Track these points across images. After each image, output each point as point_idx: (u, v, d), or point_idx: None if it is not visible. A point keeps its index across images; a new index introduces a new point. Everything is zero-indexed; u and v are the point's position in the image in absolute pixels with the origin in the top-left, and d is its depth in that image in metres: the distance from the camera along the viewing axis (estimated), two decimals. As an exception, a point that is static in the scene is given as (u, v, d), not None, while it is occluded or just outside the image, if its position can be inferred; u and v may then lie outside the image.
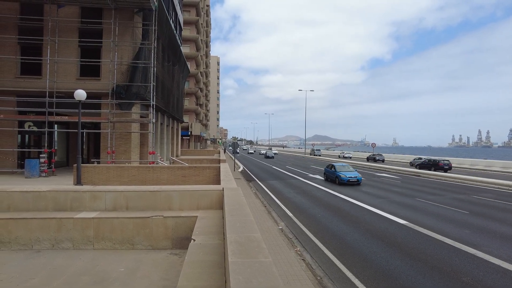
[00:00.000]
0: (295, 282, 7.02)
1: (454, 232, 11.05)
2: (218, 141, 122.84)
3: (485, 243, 9.80)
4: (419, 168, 37.51)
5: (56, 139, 22.99)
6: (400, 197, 18.28)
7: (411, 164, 43.14)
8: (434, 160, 37.75)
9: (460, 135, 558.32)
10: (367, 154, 61.88)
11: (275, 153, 78.57)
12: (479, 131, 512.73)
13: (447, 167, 35.33)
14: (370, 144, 57.12)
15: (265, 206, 15.51)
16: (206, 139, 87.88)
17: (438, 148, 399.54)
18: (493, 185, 22.97)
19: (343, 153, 70.92)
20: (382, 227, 11.78)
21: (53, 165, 18.56)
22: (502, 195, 19.19)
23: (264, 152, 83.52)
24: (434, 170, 34.55)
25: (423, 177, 29.70)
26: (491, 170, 37.15)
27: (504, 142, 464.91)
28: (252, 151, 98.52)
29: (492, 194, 19.27)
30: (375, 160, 52.68)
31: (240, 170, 34.88)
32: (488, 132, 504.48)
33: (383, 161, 52.30)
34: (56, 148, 21.03)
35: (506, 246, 9.64)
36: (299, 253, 9.00)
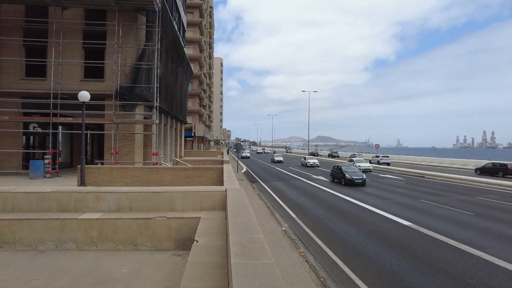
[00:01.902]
0: (298, 283, 6.98)
1: (459, 233, 10.96)
2: (221, 142, 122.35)
3: (491, 245, 9.70)
4: (310, 155, 64.01)
5: (60, 140, 23.11)
6: (404, 198, 18.17)
7: (304, 160, 65.80)
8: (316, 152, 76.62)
9: (465, 136, 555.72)
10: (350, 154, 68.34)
11: (366, 169, 35.29)
12: (484, 132, 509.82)
13: (336, 155, 68.04)
14: (374, 145, 56.73)
15: (268, 207, 15.48)
16: (209, 140, 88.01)
17: (442, 149, 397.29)
18: (498, 186, 22.76)
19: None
20: (386, 229, 11.71)
21: (57, 166, 18.66)
22: (507, 196, 19.01)
23: (307, 162, 42.78)
24: (330, 157, 64.90)
25: (428, 178, 29.51)
26: (467, 168, 36.82)
27: (509, 143, 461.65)
28: (280, 158, 53.36)
29: (497, 196, 19.09)
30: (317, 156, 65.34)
31: (243, 171, 34.88)
32: (493, 133, 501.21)
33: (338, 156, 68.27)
34: (60, 149, 21.16)
35: (512, 248, 9.54)
36: (303, 254, 8.96)
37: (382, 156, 47.99)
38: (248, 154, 70.62)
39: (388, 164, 44.75)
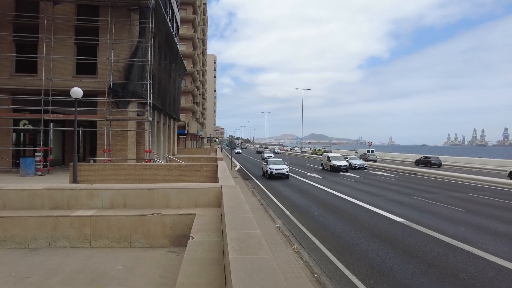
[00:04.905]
0: (293, 279, 7.03)
1: (450, 229, 11.13)
2: (215, 140, 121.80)
3: (481, 241, 9.88)
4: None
5: (51, 137, 22.83)
6: (396, 195, 18.37)
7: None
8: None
9: (456, 134, 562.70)
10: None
11: None
12: (474, 130, 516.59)
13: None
14: (367, 143, 57.32)
15: (262, 204, 15.52)
16: (203, 138, 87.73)
17: (433, 146, 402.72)
18: (488, 183, 23.14)
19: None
20: (379, 225, 11.83)
21: (48, 164, 18.44)
22: (497, 193, 19.34)
23: None
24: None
25: (419, 175, 29.85)
26: (486, 169, 37.43)
27: (499, 140, 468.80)
28: None
29: (488, 192, 19.42)
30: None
31: (236, 168, 34.87)
32: (483, 131, 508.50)
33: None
34: (51, 146, 20.90)
35: (502, 243, 9.72)
36: (297, 251, 9.01)
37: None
38: (285, 169, 26.79)
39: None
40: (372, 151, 51.70)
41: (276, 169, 26.41)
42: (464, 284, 6.98)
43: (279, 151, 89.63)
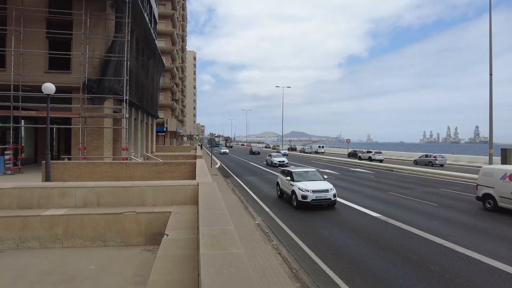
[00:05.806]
0: (271, 275, 7.05)
1: (424, 223, 11.48)
2: (195, 138, 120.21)
3: (452, 233, 10.24)
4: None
5: (23, 135, 21.96)
6: (373, 191, 18.77)
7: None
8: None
9: (431, 131, 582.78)
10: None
11: None
12: (448, 128, 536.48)
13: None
14: (345, 140, 58.34)
15: (242, 202, 15.48)
16: (182, 136, 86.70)
17: (410, 143, 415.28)
18: (460, 179, 24.02)
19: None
20: (356, 220, 12.06)
21: (19, 162, 17.71)
22: (468, 187, 20.09)
23: None
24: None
25: (396, 171, 30.63)
26: (458, 164, 38.87)
27: (470, 138, 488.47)
28: None
29: (459, 187, 20.15)
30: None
31: (217, 166, 34.67)
32: (456, 129, 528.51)
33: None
34: (23, 144, 20.09)
35: (471, 235, 10.12)
36: (275, 247, 9.04)
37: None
38: (330, 191, 14.00)
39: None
40: (323, 147, 63.32)
41: (313, 191, 13.82)
42: (435, 275, 7.21)
43: (286, 151, 59.44)
